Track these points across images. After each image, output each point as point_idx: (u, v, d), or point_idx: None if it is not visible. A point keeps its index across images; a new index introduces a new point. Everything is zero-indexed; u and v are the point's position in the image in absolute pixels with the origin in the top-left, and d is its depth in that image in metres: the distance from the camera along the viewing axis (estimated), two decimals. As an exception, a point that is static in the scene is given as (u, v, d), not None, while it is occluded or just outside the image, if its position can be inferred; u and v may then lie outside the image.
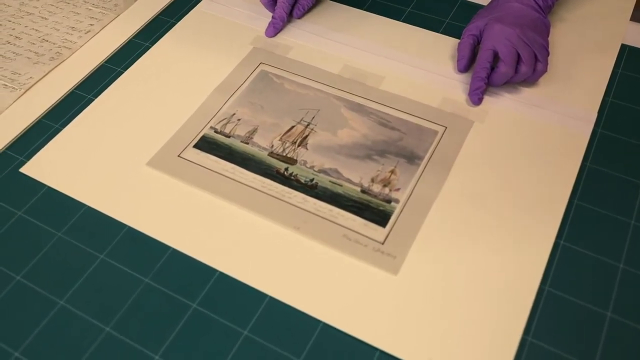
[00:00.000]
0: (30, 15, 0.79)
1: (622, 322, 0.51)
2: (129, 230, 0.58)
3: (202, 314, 0.52)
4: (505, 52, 0.64)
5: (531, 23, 0.66)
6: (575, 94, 0.68)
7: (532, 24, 0.66)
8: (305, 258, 0.55)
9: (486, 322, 0.51)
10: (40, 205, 0.60)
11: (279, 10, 0.74)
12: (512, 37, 0.64)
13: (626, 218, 0.58)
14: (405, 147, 0.63)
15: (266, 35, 0.75)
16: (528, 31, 0.65)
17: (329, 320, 0.52)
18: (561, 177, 0.61)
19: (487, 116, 0.66)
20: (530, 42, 0.64)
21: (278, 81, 0.70)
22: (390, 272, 0.54)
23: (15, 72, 0.71)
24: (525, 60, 0.65)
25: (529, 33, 0.65)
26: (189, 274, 0.55)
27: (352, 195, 0.59)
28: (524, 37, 0.64)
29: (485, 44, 0.66)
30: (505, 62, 0.64)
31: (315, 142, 0.64)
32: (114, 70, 0.72)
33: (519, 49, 0.64)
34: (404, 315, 0.52)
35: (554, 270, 0.55)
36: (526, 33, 0.65)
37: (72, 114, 0.68)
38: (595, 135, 0.64)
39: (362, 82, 0.70)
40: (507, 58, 0.64)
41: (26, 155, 0.64)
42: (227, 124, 0.66)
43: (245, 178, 0.61)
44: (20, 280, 0.55)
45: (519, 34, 0.64)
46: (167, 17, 0.79)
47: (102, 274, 0.55)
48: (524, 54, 0.64)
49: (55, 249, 0.57)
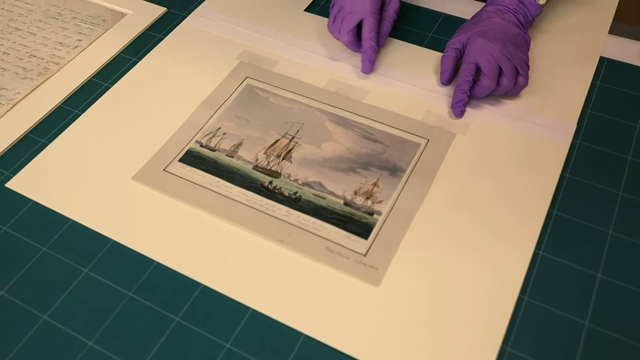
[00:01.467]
0: (18, 30, 0.80)
1: (600, 332, 0.52)
2: (113, 244, 0.58)
3: (185, 327, 0.53)
4: (487, 66, 0.65)
5: (512, 38, 0.67)
6: (555, 106, 0.69)
7: (514, 39, 0.67)
8: (288, 271, 0.56)
9: (466, 333, 0.52)
10: (25, 220, 0.61)
11: (370, 42, 0.70)
12: (494, 52, 0.65)
13: (604, 228, 0.58)
14: (388, 160, 0.64)
15: (364, 72, 0.71)
16: (510, 46, 0.66)
17: (311, 333, 0.52)
18: (541, 188, 0.61)
19: (468, 129, 0.67)
20: (511, 57, 0.66)
21: (263, 95, 0.71)
22: (372, 284, 0.55)
23: (3, 88, 0.72)
24: (506, 74, 0.66)
25: (511, 48, 0.66)
26: (173, 287, 0.55)
27: (335, 208, 0.60)
28: (506, 51, 0.65)
29: (467, 58, 0.67)
30: (488, 76, 0.65)
31: (300, 155, 0.65)
32: (101, 85, 0.73)
33: (500, 63, 0.65)
34: (386, 327, 0.52)
35: (533, 280, 0.55)
36: (508, 48, 0.66)
37: (58, 129, 0.69)
38: (574, 147, 0.65)
39: (347, 95, 0.71)
40: (489, 72, 0.65)
41: (12, 170, 0.65)
42: (213, 137, 0.67)
43: (230, 191, 0.62)
44: (3, 295, 0.55)
45: (501, 49, 0.65)
46: (154, 33, 0.79)
47: (86, 288, 0.56)
48: (505, 68, 0.65)
49: (40, 263, 0.57)
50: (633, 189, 0.61)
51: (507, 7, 0.69)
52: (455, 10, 0.81)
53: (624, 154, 0.64)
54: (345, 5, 0.71)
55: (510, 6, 0.69)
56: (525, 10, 0.70)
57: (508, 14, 0.69)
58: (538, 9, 0.70)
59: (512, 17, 0.69)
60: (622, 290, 0.54)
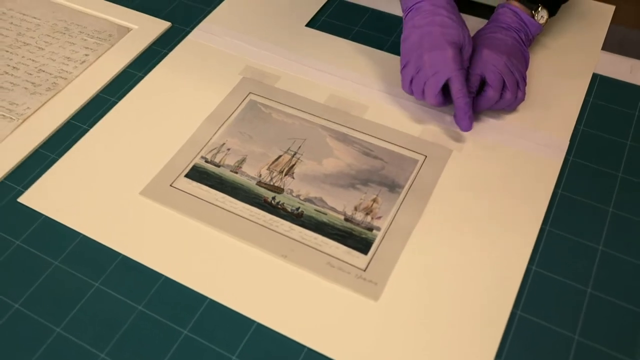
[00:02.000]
0: (27, 45, 0.82)
1: (590, 346, 0.54)
2: (123, 258, 0.61)
3: (193, 340, 0.55)
4: (493, 78, 0.67)
5: (515, 53, 0.70)
6: (549, 123, 0.71)
7: (516, 55, 0.70)
8: (291, 285, 0.58)
9: (460, 346, 0.54)
10: (37, 235, 0.63)
11: (464, 99, 0.66)
12: (499, 64, 0.67)
13: (595, 244, 0.61)
14: (387, 176, 0.66)
15: (464, 130, 0.68)
16: (513, 60, 0.68)
17: (313, 346, 0.54)
18: (534, 204, 0.64)
19: (465, 145, 0.69)
20: (514, 70, 0.68)
21: (266, 111, 0.73)
22: (371, 299, 0.57)
23: (13, 103, 0.74)
24: (509, 87, 0.68)
25: (514, 61, 0.68)
26: (180, 301, 0.58)
27: (336, 224, 0.63)
28: (510, 64, 0.68)
29: (473, 69, 0.69)
30: (493, 87, 0.67)
31: (302, 171, 0.67)
32: (108, 100, 0.75)
33: (504, 76, 0.67)
34: (384, 340, 0.55)
35: (526, 295, 0.58)
36: (512, 61, 0.68)
37: (68, 144, 0.71)
38: (567, 163, 0.68)
39: (347, 111, 0.73)
40: (494, 83, 0.67)
41: (24, 185, 0.67)
42: (217, 153, 0.69)
43: (235, 207, 0.64)
44: (18, 309, 0.58)
45: (506, 61, 0.67)
46: (159, 47, 0.82)
47: (97, 302, 0.58)
48: (508, 81, 0.68)
49: (52, 277, 0.60)
50: (623, 205, 0.64)
51: (510, 25, 0.72)
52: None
53: (614, 171, 0.67)
54: (424, 66, 0.67)
55: (513, 25, 0.71)
56: (526, 29, 0.72)
57: (510, 31, 0.71)
58: (538, 28, 0.73)
59: (514, 34, 0.71)
60: (611, 305, 0.57)
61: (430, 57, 0.66)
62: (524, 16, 0.72)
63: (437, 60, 0.66)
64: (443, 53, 0.66)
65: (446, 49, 0.66)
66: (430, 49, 0.66)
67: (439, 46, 0.66)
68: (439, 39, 0.66)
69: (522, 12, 0.72)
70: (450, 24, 0.67)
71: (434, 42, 0.66)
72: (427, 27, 0.67)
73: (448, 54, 0.65)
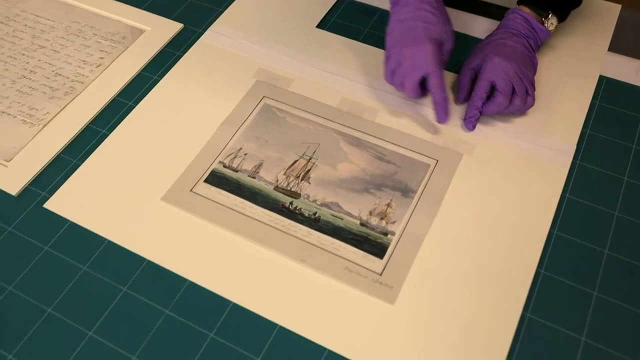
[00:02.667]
0: (42, 48, 0.83)
1: (595, 346, 0.57)
2: (148, 263, 0.63)
3: (219, 343, 0.58)
4: (502, 85, 0.70)
5: (524, 60, 0.72)
6: (556, 126, 0.73)
7: (525, 61, 0.72)
8: (311, 289, 0.61)
9: (474, 348, 0.57)
10: (64, 240, 0.65)
11: (441, 94, 0.69)
12: (509, 71, 0.70)
13: (601, 248, 0.64)
14: (400, 181, 0.69)
15: (440, 122, 0.71)
16: (522, 67, 0.70)
17: (334, 348, 0.57)
18: (542, 208, 0.66)
19: (475, 149, 0.71)
20: (523, 77, 0.70)
21: (281, 115, 0.75)
22: (387, 302, 0.60)
23: (33, 108, 0.76)
24: (519, 94, 0.70)
25: (523, 68, 0.70)
26: (205, 305, 0.60)
27: (352, 228, 0.65)
28: (519, 71, 0.70)
29: (484, 76, 0.71)
30: (503, 94, 0.70)
31: (317, 176, 0.69)
32: (125, 104, 0.77)
33: (514, 82, 0.70)
34: (401, 342, 0.58)
35: (535, 297, 0.61)
36: (521, 68, 0.70)
37: (88, 149, 0.73)
38: (574, 167, 0.70)
39: (359, 115, 0.75)
40: (504, 90, 0.70)
41: (48, 191, 0.69)
42: (235, 158, 0.71)
43: (254, 212, 0.66)
44: (51, 313, 0.60)
45: (515, 69, 0.70)
46: (173, 50, 0.83)
47: (126, 306, 0.60)
48: (518, 88, 0.70)
49: (81, 282, 0.62)
50: (628, 209, 0.66)
51: (520, 31, 0.73)
52: (461, 27, 0.85)
53: (620, 175, 0.69)
54: (404, 60, 0.69)
55: (522, 31, 0.73)
56: (535, 35, 0.74)
57: (520, 37, 0.73)
58: (547, 34, 0.74)
59: (524, 40, 0.73)
60: (616, 307, 0.60)
61: (410, 52, 0.69)
62: (534, 23, 0.73)
63: (416, 55, 0.68)
64: (422, 49, 0.68)
65: (426, 44, 0.68)
66: (411, 44, 0.69)
67: (419, 42, 0.68)
68: (420, 35, 0.68)
69: (533, 18, 0.73)
70: (433, 20, 0.69)
71: (415, 38, 0.69)
72: (411, 22, 0.69)
73: (427, 50, 0.68)
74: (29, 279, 0.63)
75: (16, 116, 0.75)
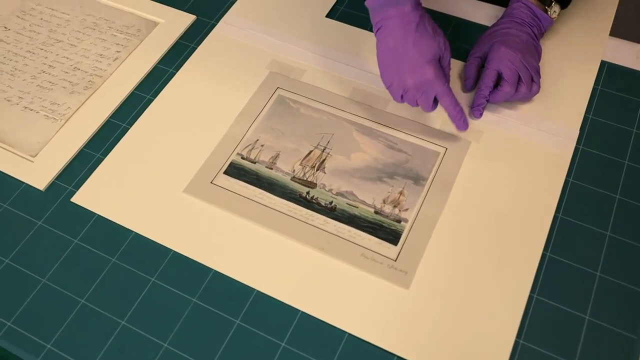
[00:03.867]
0: (59, 42, 0.85)
1: (600, 325, 0.61)
2: (174, 254, 0.67)
3: (245, 329, 0.62)
4: (509, 74, 0.72)
5: (529, 48, 0.74)
6: (559, 112, 0.76)
7: (530, 50, 0.74)
8: (330, 276, 0.65)
9: (485, 327, 0.61)
10: (93, 233, 0.68)
11: (456, 108, 0.70)
12: (515, 60, 0.72)
13: (603, 230, 0.67)
14: (412, 169, 0.72)
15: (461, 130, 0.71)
16: (527, 55, 0.73)
17: (353, 331, 0.61)
18: (547, 193, 0.69)
19: (482, 136, 0.74)
20: (529, 66, 0.72)
21: (294, 106, 0.78)
22: (402, 287, 0.64)
23: (54, 103, 0.78)
24: (525, 82, 0.73)
25: (528, 57, 0.73)
26: (230, 293, 0.64)
27: (367, 217, 0.68)
28: (525, 60, 0.72)
29: (490, 65, 0.74)
30: (509, 83, 0.72)
31: (332, 165, 0.72)
32: (143, 97, 0.79)
33: (520, 71, 0.72)
34: (417, 324, 0.61)
35: (541, 279, 0.64)
36: (526, 57, 0.72)
37: (110, 143, 0.75)
38: (577, 152, 0.73)
39: (371, 104, 0.77)
40: (510, 79, 0.72)
41: (74, 185, 0.72)
42: (252, 150, 0.74)
43: (272, 202, 0.69)
44: (84, 304, 0.64)
45: (521, 58, 0.72)
46: (187, 42, 0.85)
47: (155, 296, 0.64)
48: (524, 76, 0.72)
49: (111, 273, 0.66)
50: (629, 192, 0.69)
51: (524, 20, 0.75)
52: (466, 13, 0.87)
53: (621, 159, 0.72)
54: (410, 89, 0.68)
55: (526, 20, 0.75)
56: (539, 23, 0.76)
57: (524, 26, 0.75)
58: (551, 22, 0.77)
59: (528, 29, 0.75)
60: (618, 286, 0.63)
61: (414, 80, 0.67)
62: (538, 11, 0.75)
63: (420, 82, 0.67)
64: (424, 74, 0.67)
65: (426, 69, 0.67)
66: (411, 73, 0.67)
67: (418, 69, 0.67)
68: (417, 61, 0.67)
69: (536, 7, 0.75)
70: (422, 41, 0.67)
71: (413, 66, 0.67)
72: (401, 49, 0.67)
73: (429, 75, 0.67)
74: (61, 271, 0.66)
75: (39, 112, 0.78)
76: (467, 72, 0.77)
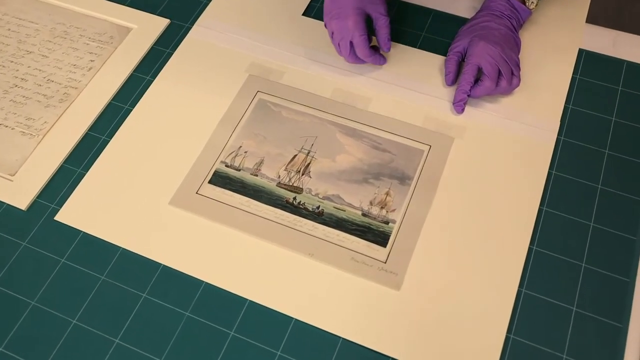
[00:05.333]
0: (30, 54, 0.83)
1: (587, 315, 0.62)
2: (164, 268, 0.66)
3: (240, 340, 0.62)
4: (489, 69, 0.72)
5: (508, 42, 0.74)
6: (540, 104, 0.76)
7: (509, 43, 0.74)
8: (320, 281, 0.65)
9: (475, 323, 0.62)
10: (79, 251, 0.68)
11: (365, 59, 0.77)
12: (495, 55, 0.72)
13: (586, 221, 0.68)
14: (397, 169, 0.72)
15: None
16: (507, 49, 0.73)
17: (347, 336, 0.62)
18: (531, 186, 0.70)
19: (465, 132, 0.75)
20: (509, 60, 0.73)
21: (276, 109, 0.77)
22: (393, 288, 0.64)
23: (30, 118, 0.77)
24: (505, 76, 0.73)
25: (508, 51, 0.73)
26: (223, 304, 0.64)
27: (355, 220, 0.68)
28: (504, 54, 0.72)
29: (470, 60, 0.74)
30: (490, 78, 0.73)
31: (317, 169, 0.72)
32: (121, 108, 0.78)
33: (500, 65, 0.72)
34: (409, 326, 0.62)
35: (529, 273, 0.65)
36: (505, 51, 0.73)
37: (91, 157, 0.74)
38: (558, 143, 0.74)
39: (353, 105, 0.77)
40: (490, 73, 0.72)
41: (57, 203, 0.71)
42: (236, 157, 0.73)
43: (259, 210, 0.69)
44: (76, 324, 0.63)
45: (500, 52, 0.72)
46: (162, 47, 0.84)
47: (147, 312, 0.64)
48: (504, 70, 0.73)
49: (102, 291, 0.65)
50: (610, 181, 0.71)
51: (502, 12, 0.76)
52: (443, 5, 0.86)
53: (602, 148, 0.73)
54: (335, 32, 0.75)
55: (505, 12, 0.75)
56: (517, 15, 0.76)
57: (502, 19, 0.75)
58: (528, 13, 0.77)
59: (507, 22, 0.75)
60: (603, 277, 0.65)
61: (337, 24, 0.75)
62: (516, 3, 0.75)
63: (341, 27, 0.74)
64: (345, 22, 0.74)
65: (349, 18, 0.74)
66: (337, 18, 0.74)
67: (343, 15, 0.74)
68: (345, 8, 0.74)
69: (514, -1, 0.75)
70: None
71: (340, 12, 0.74)
72: None
73: (349, 23, 0.74)
74: (51, 292, 0.65)
75: (14, 128, 0.76)
76: (447, 67, 0.77)
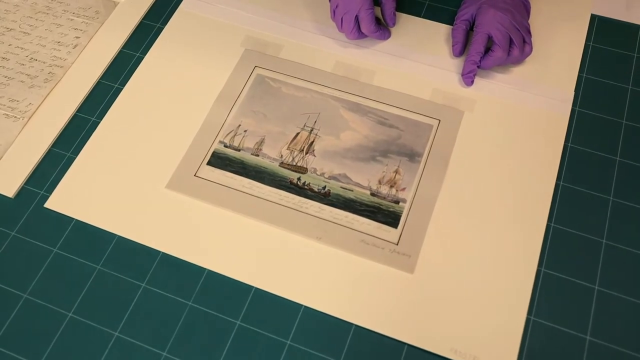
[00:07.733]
0: (11, 31, 0.78)
1: (608, 293, 0.60)
2: (163, 256, 0.63)
3: (247, 330, 0.59)
4: (500, 38, 0.69)
5: (517, 7, 0.70)
6: (553, 74, 0.73)
7: (519, 8, 0.70)
8: (330, 266, 0.61)
9: (495, 305, 0.59)
10: (73, 240, 0.64)
11: (369, 34, 0.73)
12: (504, 22, 0.68)
13: (606, 195, 0.65)
14: (405, 145, 0.68)
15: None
16: (517, 15, 0.69)
17: (360, 322, 0.59)
18: (547, 161, 0.67)
19: (475, 105, 0.71)
20: (519, 26, 0.69)
21: (275, 85, 0.73)
22: (407, 271, 0.61)
23: (13, 99, 0.72)
24: (517, 44, 0.69)
25: (518, 17, 0.69)
26: (228, 292, 0.61)
27: (364, 200, 0.65)
28: (515, 21, 0.68)
29: (480, 29, 0.70)
30: (501, 47, 0.69)
31: (321, 147, 0.68)
32: (111, 87, 0.74)
33: (511, 33, 0.69)
34: (425, 310, 0.59)
35: (547, 252, 0.62)
36: (516, 17, 0.69)
37: (80, 140, 0.70)
38: (573, 114, 0.70)
39: (356, 78, 0.73)
40: (502, 43, 0.69)
41: (46, 189, 0.67)
42: (235, 136, 0.69)
43: (262, 192, 0.65)
44: (72, 317, 0.60)
45: (511, 19, 0.68)
46: (151, 22, 0.79)
47: (148, 302, 0.60)
48: (515, 38, 0.69)
49: (98, 282, 0.61)
50: (629, 153, 0.67)
51: None
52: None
53: (619, 118, 0.70)
54: (340, 4, 0.71)
55: None
56: None
57: None
58: (536, -24, 0.73)
59: None
60: (625, 252, 0.62)
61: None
62: (525, -34, 0.71)
63: (347, 1, 0.71)
64: None
65: None
66: None
67: None
68: None
69: (522, -39, 0.71)
70: None
71: None
72: None
73: None
74: (44, 284, 0.62)
75: (-3, 110, 0.72)
76: (454, 36, 0.73)
